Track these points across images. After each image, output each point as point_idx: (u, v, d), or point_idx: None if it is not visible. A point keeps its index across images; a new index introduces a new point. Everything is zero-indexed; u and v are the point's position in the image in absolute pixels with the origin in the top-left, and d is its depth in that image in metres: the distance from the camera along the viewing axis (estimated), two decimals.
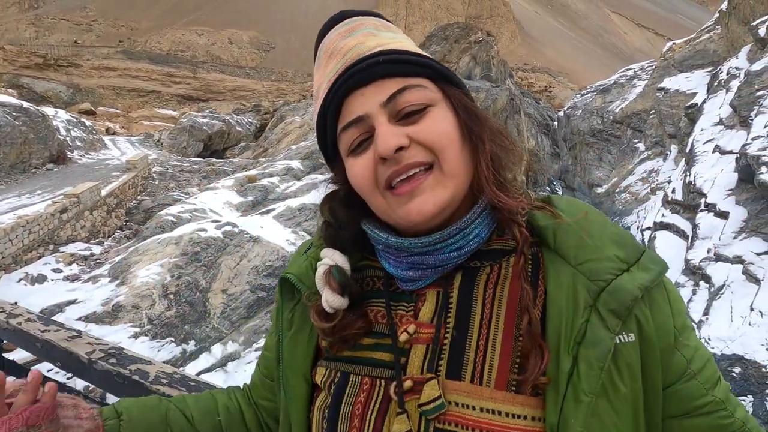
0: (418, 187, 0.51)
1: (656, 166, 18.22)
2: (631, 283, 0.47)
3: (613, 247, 0.50)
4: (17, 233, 7.27)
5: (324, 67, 0.58)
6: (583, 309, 0.47)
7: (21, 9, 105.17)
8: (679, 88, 17.59)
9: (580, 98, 25.01)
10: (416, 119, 0.52)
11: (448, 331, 0.52)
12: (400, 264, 0.56)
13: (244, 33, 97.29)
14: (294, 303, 0.63)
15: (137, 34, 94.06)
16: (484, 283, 0.53)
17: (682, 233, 11.53)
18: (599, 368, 0.45)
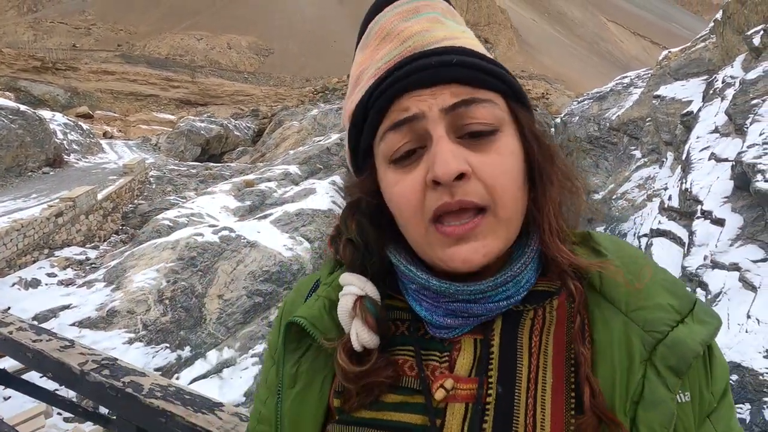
0: (471, 232, 0.43)
1: (652, 173, 18.33)
2: (690, 337, 0.41)
3: (666, 294, 0.44)
4: (12, 237, 7.21)
5: (374, 50, 0.48)
6: (638, 363, 0.41)
7: (20, 12, 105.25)
8: (674, 95, 17.76)
9: (576, 105, 25.18)
10: (481, 145, 0.44)
11: (491, 386, 0.44)
12: (437, 309, 0.47)
13: (242, 38, 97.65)
14: (300, 354, 0.50)
15: (136, 38, 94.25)
16: (529, 330, 0.46)
17: (678, 240, 11.57)
18: (664, 427, 0.39)
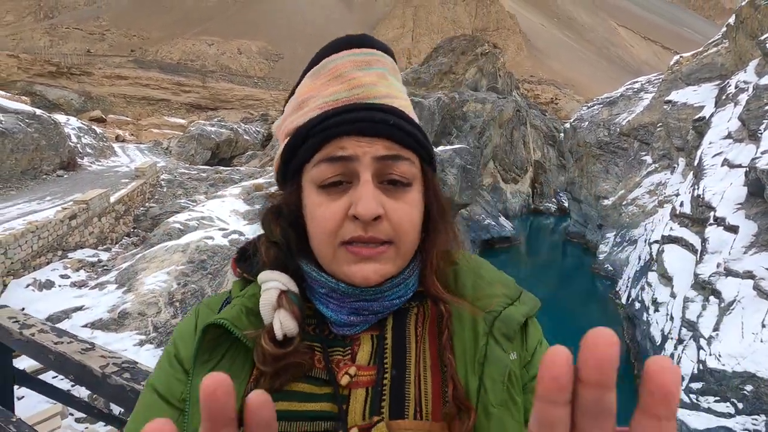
0: (373, 257, 0.53)
1: (664, 179, 18.11)
2: (517, 313, 0.58)
3: (500, 286, 0.61)
4: (27, 239, 7.34)
5: (323, 84, 0.56)
6: (482, 335, 0.55)
7: (36, 18, 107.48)
8: (686, 101, 17.56)
9: (586, 110, 25.00)
10: (397, 192, 0.54)
11: (387, 371, 0.53)
12: (341, 309, 0.55)
13: (253, 43, 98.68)
14: (216, 361, 0.53)
15: (148, 43, 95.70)
16: (414, 322, 0.58)
17: (690, 247, 11.40)
18: (501, 382, 0.53)
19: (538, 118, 36.86)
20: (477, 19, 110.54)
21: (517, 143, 32.77)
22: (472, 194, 18.68)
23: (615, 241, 18.75)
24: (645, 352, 11.09)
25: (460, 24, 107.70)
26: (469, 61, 32.50)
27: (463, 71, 32.28)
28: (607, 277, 17.86)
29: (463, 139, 25.32)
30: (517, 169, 31.95)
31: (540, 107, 42.89)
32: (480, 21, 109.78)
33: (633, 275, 14.94)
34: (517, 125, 33.09)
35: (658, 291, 11.71)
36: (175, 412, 0.55)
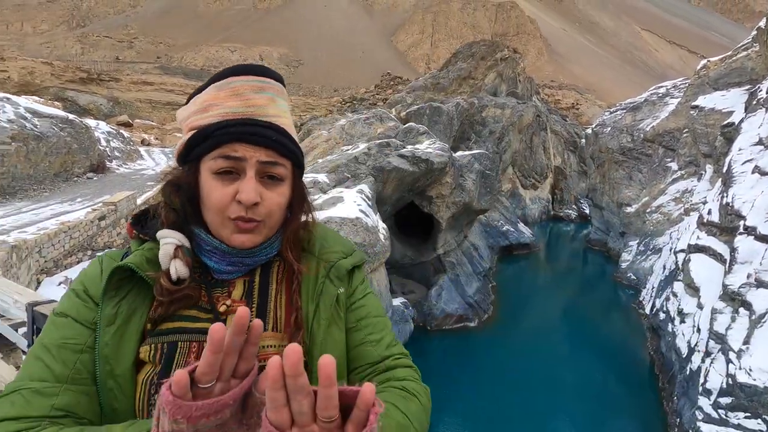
0: (248, 230, 0.74)
1: (690, 186, 17.61)
2: (346, 263, 0.84)
3: (338, 245, 0.87)
4: (59, 238, 7.64)
5: (225, 97, 0.74)
6: (321, 277, 0.81)
7: (69, 27, 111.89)
8: (714, 106, 17.07)
9: (608, 116, 24.54)
10: (272, 185, 0.75)
11: (254, 303, 0.76)
12: (222, 261, 0.76)
13: (274, 50, 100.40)
14: (119, 299, 0.71)
15: (174, 50, 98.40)
16: (276, 272, 0.81)
17: (719, 257, 11.04)
18: (330, 305, 0.79)
19: (558, 123, 36.35)
20: (497, 24, 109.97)
21: (537, 149, 32.36)
22: (491, 200, 18.52)
23: (638, 250, 18.30)
24: (670, 364, 10.77)
25: (479, 29, 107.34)
26: (488, 66, 32.34)
27: (483, 76, 32.13)
28: (629, 286, 17.43)
29: (482, 145, 25.16)
30: (536, 175, 31.54)
31: (561, 112, 42.30)
32: (500, 26, 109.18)
33: (657, 285, 14.55)
34: (537, 130, 32.70)
35: (684, 301, 11.37)
36: (85, 329, 0.70)
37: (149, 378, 0.68)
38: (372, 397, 0.45)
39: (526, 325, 15.18)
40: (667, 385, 10.50)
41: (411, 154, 13.71)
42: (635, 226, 19.37)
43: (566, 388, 11.14)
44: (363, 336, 0.81)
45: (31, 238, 6.93)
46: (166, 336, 0.70)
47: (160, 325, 0.71)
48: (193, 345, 0.70)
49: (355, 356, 0.80)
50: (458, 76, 31.58)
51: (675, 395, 9.66)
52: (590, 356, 12.94)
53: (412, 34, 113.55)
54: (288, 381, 0.43)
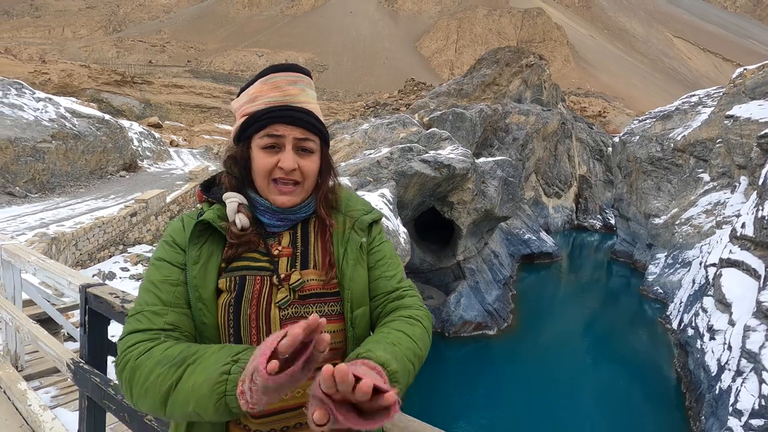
0: (288, 192, 0.97)
1: (723, 198, 16.99)
2: (367, 218, 1.07)
3: (360, 205, 1.10)
4: (94, 233, 7.97)
5: (269, 90, 0.97)
6: (348, 229, 1.03)
7: (106, 32, 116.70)
8: (750, 116, 16.45)
9: (637, 124, 23.94)
10: (305, 156, 0.98)
11: (298, 249, 0.99)
12: (272, 218, 0.99)
13: (300, 54, 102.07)
14: (201, 243, 0.94)
15: (204, 54, 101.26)
16: (313, 225, 1.03)
17: (753, 272, 10.61)
18: (355, 250, 1.01)
19: (584, 131, 35.65)
20: (522, 30, 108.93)
21: (561, 157, 31.81)
22: (513, 207, 18.30)
23: (666, 263, 17.73)
24: (699, 381, 10.38)
25: (504, 35, 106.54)
26: (513, 72, 32.05)
27: (507, 83, 31.85)
28: (656, 299, 16.90)
29: (505, 151, 24.91)
30: (560, 183, 30.98)
31: (587, 120, 41.48)
32: (526, 32, 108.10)
33: (686, 299, 14.06)
34: (562, 138, 32.16)
35: (714, 317, 10.96)
36: (177, 269, 0.94)
37: (227, 301, 0.92)
38: (392, 401, 0.63)
39: (547, 335, 14.87)
40: (694, 403, 10.12)
41: (433, 159, 13.72)
42: (663, 238, 18.79)
43: (587, 402, 10.86)
44: (380, 272, 1.05)
45: (69, 232, 7.27)
46: (237, 272, 0.94)
47: (231, 264, 0.94)
48: (257, 278, 0.93)
49: (374, 287, 1.04)
50: (482, 82, 31.40)
51: (703, 414, 9.31)
52: (613, 371, 12.58)
53: (436, 40, 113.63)
54: (339, 385, 0.62)
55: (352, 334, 0.95)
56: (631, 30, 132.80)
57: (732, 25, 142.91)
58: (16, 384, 2.76)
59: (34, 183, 12.77)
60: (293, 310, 0.92)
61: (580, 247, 28.13)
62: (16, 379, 2.86)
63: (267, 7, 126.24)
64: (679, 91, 48.85)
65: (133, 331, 0.87)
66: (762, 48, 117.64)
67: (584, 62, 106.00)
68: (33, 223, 8.36)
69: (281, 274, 0.94)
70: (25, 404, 2.54)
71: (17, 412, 2.64)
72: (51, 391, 3.20)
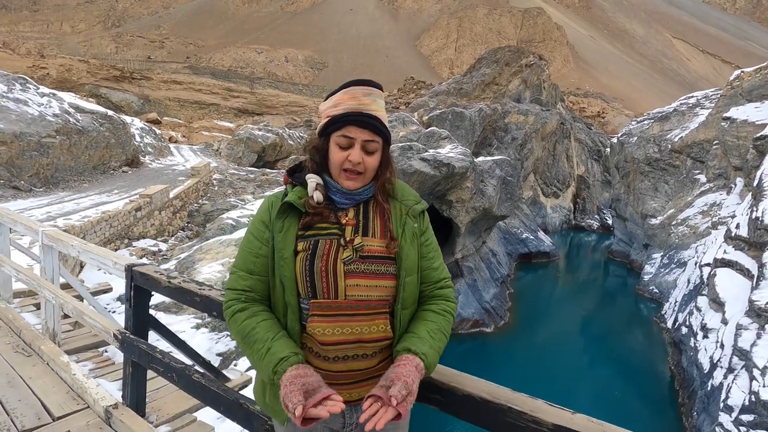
0: (354, 179, 1.23)
1: (719, 200, 17.20)
2: (418, 207, 1.32)
3: (412, 195, 1.34)
4: (101, 226, 8.09)
5: (348, 99, 1.22)
6: (403, 215, 1.28)
7: (105, 27, 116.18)
8: (747, 118, 16.65)
9: (635, 125, 24.13)
10: (369, 154, 1.23)
11: (360, 221, 1.25)
12: (342, 197, 1.25)
13: (299, 52, 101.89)
14: (284, 218, 1.22)
15: (203, 51, 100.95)
16: (372, 205, 1.28)
17: (746, 272, 10.81)
18: (412, 233, 1.26)
19: (583, 131, 35.84)
20: (522, 30, 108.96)
21: (560, 157, 32.00)
22: (511, 206, 18.47)
23: (662, 263, 17.95)
24: (691, 379, 10.59)
25: (504, 35, 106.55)
26: (513, 72, 32.18)
27: (507, 82, 31.97)
28: (652, 299, 17.12)
29: (504, 151, 25.07)
30: (558, 183, 31.18)
31: (586, 121, 41.66)
32: (526, 32, 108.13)
33: (681, 299, 14.27)
34: (561, 138, 32.35)
35: (708, 316, 11.16)
36: (261, 243, 1.25)
37: (305, 257, 1.20)
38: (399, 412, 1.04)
39: (543, 333, 15.07)
40: (687, 400, 10.33)
41: (432, 157, 13.86)
42: (659, 238, 19.01)
43: (582, 399, 11.05)
44: (429, 264, 1.31)
45: (78, 225, 7.39)
46: (312, 237, 1.22)
47: (308, 231, 1.23)
48: (327, 240, 1.21)
49: (424, 276, 1.30)
50: (482, 81, 31.53)
51: (695, 411, 9.51)
52: (608, 368, 12.78)
53: (436, 38, 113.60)
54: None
55: (401, 293, 1.23)
56: (630, 30, 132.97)
57: (731, 26, 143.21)
58: (59, 357, 3.06)
59: (39, 177, 12.87)
60: (354, 266, 1.19)
61: (577, 246, 28.36)
62: (58, 353, 3.16)
63: (266, 4, 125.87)
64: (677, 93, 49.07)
65: (229, 288, 1.27)
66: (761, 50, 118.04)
67: (584, 62, 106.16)
68: (40, 217, 8.47)
69: (347, 238, 1.21)
70: (69, 374, 2.83)
71: (62, 381, 2.91)
72: (88, 365, 3.47)
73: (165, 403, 2.65)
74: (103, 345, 3.84)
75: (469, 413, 1.19)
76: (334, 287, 1.17)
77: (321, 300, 1.17)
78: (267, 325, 1.20)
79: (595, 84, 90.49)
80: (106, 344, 3.78)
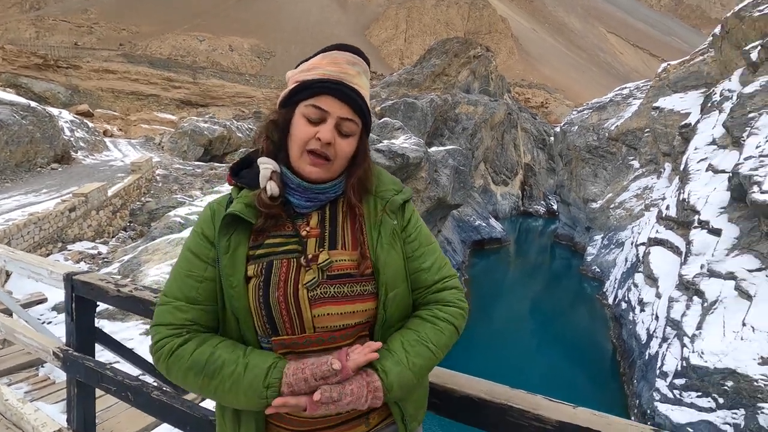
0: (319, 165, 0.96)
1: (650, 183, 18.58)
2: (399, 198, 1.05)
3: (391, 185, 1.08)
4: (29, 230, 7.34)
5: (328, 63, 0.97)
6: (379, 211, 1.01)
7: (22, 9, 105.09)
8: (673, 107, 18.05)
9: (576, 115, 25.46)
10: (343, 137, 0.97)
11: (326, 229, 0.99)
12: (302, 197, 0.99)
13: (245, 40, 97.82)
14: (230, 234, 0.95)
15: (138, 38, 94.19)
16: (341, 206, 1.02)
17: (675, 249, 11.78)
18: (389, 233, 1.00)
19: (528, 121, 37.34)
20: (469, 22, 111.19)
21: (508, 146, 33.19)
22: (464, 195, 18.94)
23: (602, 244, 19.18)
24: (631, 350, 11.44)
25: (452, 26, 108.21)
26: (461, 63, 32.80)
27: (456, 73, 32.56)
28: (594, 278, 18.28)
29: (455, 141, 25.59)
30: (507, 172, 32.37)
31: (530, 111, 43.43)
32: (472, 24, 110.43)
33: (620, 276, 15.32)
34: (508, 128, 33.52)
35: (644, 291, 12.06)
36: (203, 263, 0.97)
37: (257, 285, 0.94)
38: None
39: (497, 317, 15.69)
40: (627, 369, 11.15)
41: (387, 148, 13.87)
42: (600, 221, 20.28)
43: (534, 376, 11.62)
44: (418, 265, 1.03)
45: (1, 229, 6.66)
46: (265, 258, 0.95)
47: (258, 250, 0.96)
48: (284, 262, 0.95)
49: (414, 280, 1.03)
50: (432, 72, 31.88)
51: (635, 379, 10.29)
52: (557, 346, 13.54)
53: (386, 29, 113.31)
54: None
55: (383, 315, 0.96)
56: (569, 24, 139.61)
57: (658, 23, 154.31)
58: None
59: None
60: (322, 291, 0.92)
61: (526, 231, 29.67)
62: None
63: None
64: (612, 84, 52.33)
65: (159, 324, 0.95)
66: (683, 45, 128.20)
67: (527, 54, 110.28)
68: None
69: (309, 255, 0.94)
70: (1, 400, 2.47)
71: None
72: (23, 387, 3.10)
73: (118, 423, 2.43)
74: (39, 363, 3.49)
75: (468, 415, 1.10)
76: (298, 320, 0.91)
77: (284, 337, 0.92)
78: (228, 344, 0.93)
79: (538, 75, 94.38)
80: (42, 361, 3.43)
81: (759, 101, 11.44)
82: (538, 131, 37.54)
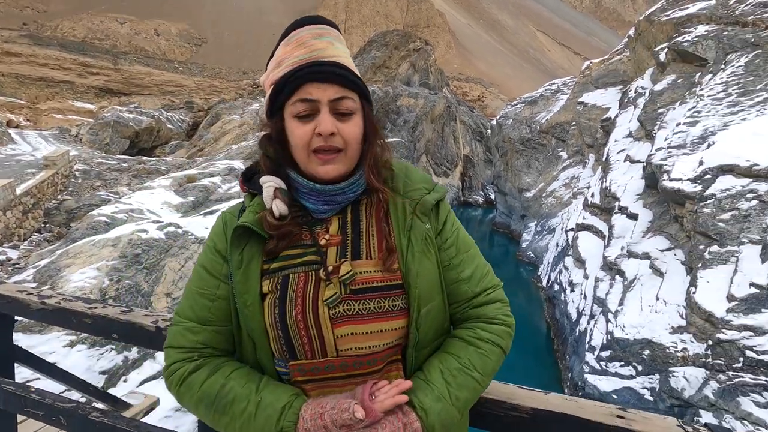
0: (331, 160, 0.85)
1: (577, 173, 20.03)
2: (430, 198, 0.91)
3: (422, 183, 0.94)
4: None
5: (293, 49, 0.85)
6: (409, 214, 0.88)
7: None
8: (595, 103, 19.54)
9: (510, 108, 26.74)
10: (344, 119, 0.85)
11: (348, 236, 0.87)
12: (317, 201, 0.88)
13: (172, 25, 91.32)
14: (242, 248, 0.86)
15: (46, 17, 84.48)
16: (365, 208, 0.90)
17: (600, 233, 12.83)
18: (420, 239, 0.87)
19: (466, 114, 38.64)
20: (408, 15, 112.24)
21: (448, 138, 34.16)
22: None
23: (536, 230, 20.41)
24: (563, 328, 12.34)
25: (391, 19, 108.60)
26: (402, 56, 33.10)
27: (397, 66, 32.81)
28: (529, 263, 19.41)
29: (398, 133, 25.85)
30: (447, 163, 33.34)
31: (468, 104, 44.94)
32: (411, 17, 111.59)
33: (552, 260, 16.40)
34: (448, 121, 34.47)
35: (573, 273, 13.01)
36: (216, 280, 0.88)
37: (272, 302, 0.84)
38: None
39: None
40: (560, 346, 12.02)
41: None
42: (533, 209, 21.56)
43: None
44: (456, 275, 0.90)
45: None
46: (281, 271, 0.85)
47: (273, 263, 0.86)
48: (301, 275, 0.84)
49: (451, 292, 0.90)
50: (373, 64, 31.87)
51: (567, 354, 11.12)
52: None
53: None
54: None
55: (415, 335, 0.83)
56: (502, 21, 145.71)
57: (580, 23, 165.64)
58: None
59: None
60: (345, 308, 0.81)
61: (466, 221, 30.80)
62: None
63: None
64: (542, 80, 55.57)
65: (170, 347, 0.88)
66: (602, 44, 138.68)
67: (464, 49, 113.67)
68: None
69: (329, 267, 0.83)
70: None
71: None
72: None
73: None
74: None
75: None
76: (319, 342, 0.81)
77: (303, 361, 0.82)
78: (242, 374, 0.83)
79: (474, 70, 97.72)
80: None
81: (667, 98, 12.68)
82: (476, 124, 38.97)
